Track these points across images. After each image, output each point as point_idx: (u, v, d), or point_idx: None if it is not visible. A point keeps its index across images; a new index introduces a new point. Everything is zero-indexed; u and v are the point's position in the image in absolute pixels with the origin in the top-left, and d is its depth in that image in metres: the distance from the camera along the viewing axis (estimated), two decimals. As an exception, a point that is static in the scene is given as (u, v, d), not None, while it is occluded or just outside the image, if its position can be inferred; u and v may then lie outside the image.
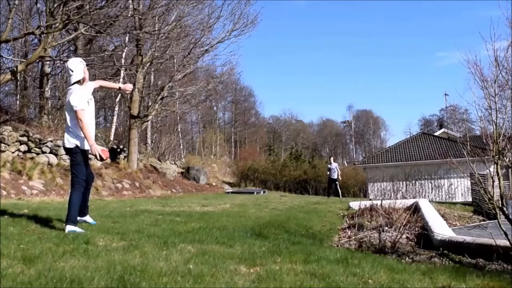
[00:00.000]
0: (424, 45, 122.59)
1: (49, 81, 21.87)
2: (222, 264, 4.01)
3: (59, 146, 15.63)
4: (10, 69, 15.46)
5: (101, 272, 3.45)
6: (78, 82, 5.67)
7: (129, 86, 6.67)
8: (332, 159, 22.43)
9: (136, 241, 4.94)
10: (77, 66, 5.69)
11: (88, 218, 6.13)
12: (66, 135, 5.64)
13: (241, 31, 22.27)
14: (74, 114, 5.50)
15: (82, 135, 5.53)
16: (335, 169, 20.42)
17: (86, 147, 5.59)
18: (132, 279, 3.32)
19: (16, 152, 14.56)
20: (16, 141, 14.69)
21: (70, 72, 5.69)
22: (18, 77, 21.15)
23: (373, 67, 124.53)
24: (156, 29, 19.61)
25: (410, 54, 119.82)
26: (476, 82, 5.79)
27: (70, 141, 5.57)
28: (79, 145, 5.56)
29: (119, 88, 6.70)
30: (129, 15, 17.80)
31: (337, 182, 20.66)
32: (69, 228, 5.34)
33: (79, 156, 5.59)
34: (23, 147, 14.89)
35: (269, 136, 78.71)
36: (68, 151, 5.66)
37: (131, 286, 3.18)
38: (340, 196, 20.02)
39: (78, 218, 5.70)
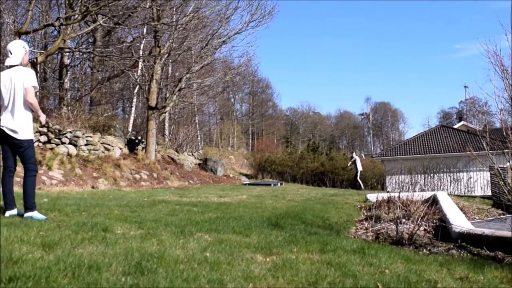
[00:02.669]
0: (442, 37, 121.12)
1: (68, 72, 22.13)
2: (238, 252, 4.04)
3: (78, 137, 15.84)
4: (30, 60, 15.65)
5: (118, 259, 3.50)
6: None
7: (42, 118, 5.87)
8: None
9: (154, 229, 4.99)
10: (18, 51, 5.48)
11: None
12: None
13: (259, 22, 22.22)
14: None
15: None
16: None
17: None
18: (149, 265, 3.36)
19: (36, 143, 14.79)
20: (36, 132, 14.90)
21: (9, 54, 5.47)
22: (38, 69, 21.42)
23: (391, 59, 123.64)
24: (174, 20, 19.64)
25: (428, 46, 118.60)
26: (496, 72, 5.70)
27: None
28: None
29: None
30: (147, 6, 17.84)
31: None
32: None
33: None
34: (43, 138, 15.11)
35: (286, 128, 78.63)
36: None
37: (148, 272, 3.22)
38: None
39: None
